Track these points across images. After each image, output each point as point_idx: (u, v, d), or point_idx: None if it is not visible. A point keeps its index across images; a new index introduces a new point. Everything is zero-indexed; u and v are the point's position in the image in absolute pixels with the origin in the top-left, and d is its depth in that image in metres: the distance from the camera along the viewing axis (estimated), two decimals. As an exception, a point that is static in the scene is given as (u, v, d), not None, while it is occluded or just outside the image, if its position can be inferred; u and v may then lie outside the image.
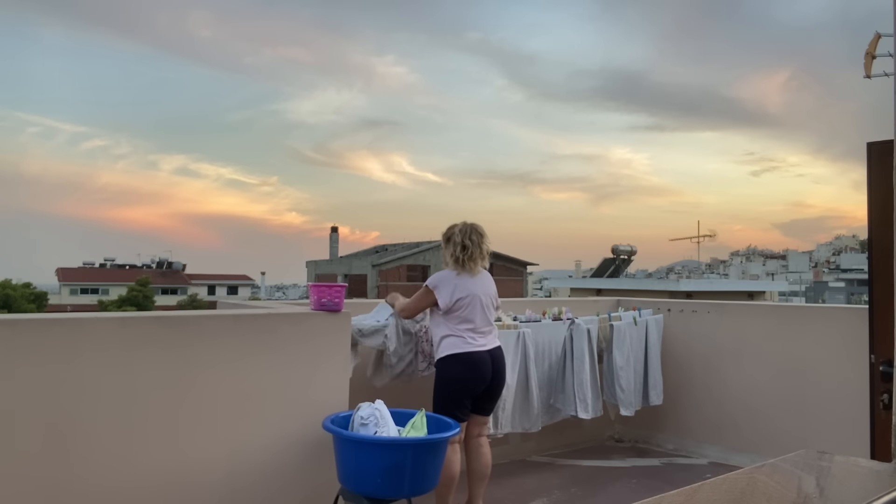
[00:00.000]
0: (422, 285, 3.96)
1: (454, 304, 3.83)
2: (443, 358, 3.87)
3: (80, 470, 2.97)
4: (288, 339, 3.56)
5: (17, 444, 2.84)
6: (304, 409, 3.56)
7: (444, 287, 3.86)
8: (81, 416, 2.98)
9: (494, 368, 3.90)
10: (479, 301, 3.87)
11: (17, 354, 2.85)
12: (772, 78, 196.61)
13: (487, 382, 3.88)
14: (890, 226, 2.96)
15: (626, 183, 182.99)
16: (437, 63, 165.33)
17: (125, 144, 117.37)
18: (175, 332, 3.27)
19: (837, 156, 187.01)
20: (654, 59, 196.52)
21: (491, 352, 3.90)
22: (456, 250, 3.93)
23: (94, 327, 3.07)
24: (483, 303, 3.89)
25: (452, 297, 3.83)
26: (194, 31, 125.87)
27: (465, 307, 3.84)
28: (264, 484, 3.45)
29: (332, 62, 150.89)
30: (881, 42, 4.39)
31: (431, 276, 3.98)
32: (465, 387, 3.83)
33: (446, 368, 3.85)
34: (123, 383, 3.08)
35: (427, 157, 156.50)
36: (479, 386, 3.86)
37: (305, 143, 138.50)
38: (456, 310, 3.84)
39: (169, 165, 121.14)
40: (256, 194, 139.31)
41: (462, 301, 3.84)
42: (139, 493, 3.10)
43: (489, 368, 3.87)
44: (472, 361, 3.82)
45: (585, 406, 5.03)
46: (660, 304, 6.17)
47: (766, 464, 1.32)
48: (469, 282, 3.88)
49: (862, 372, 3.75)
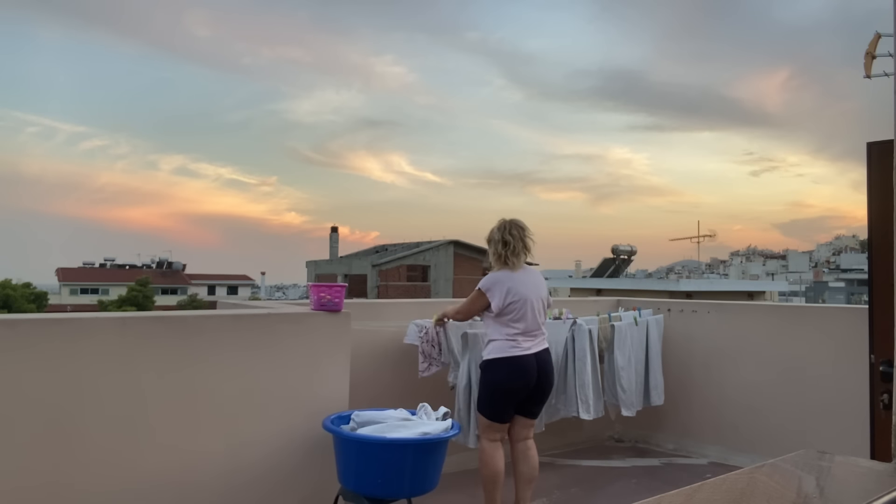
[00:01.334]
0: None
1: (506, 307, 3.83)
2: (488, 361, 3.88)
3: (81, 469, 2.97)
4: (288, 339, 3.56)
5: (18, 443, 2.84)
6: (304, 409, 3.56)
7: (496, 289, 3.86)
8: (82, 415, 2.98)
9: (540, 372, 3.88)
10: (530, 304, 3.87)
11: (18, 354, 2.85)
12: (771, 77, 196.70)
13: (532, 386, 3.87)
14: (890, 226, 2.96)
15: (625, 183, 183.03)
16: (435, 63, 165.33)
17: (124, 144, 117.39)
18: (175, 332, 3.27)
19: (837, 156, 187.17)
20: (653, 59, 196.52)
21: (537, 354, 3.88)
22: (498, 247, 3.94)
23: (94, 327, 3.07)
24: (534, 306, 3.89)
25: (504, 300, 3.83)
26: (192, 30, 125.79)
27: (516, 311, 3.83)
28: (264, 483, 3.45)
29: (330, 62, 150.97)
30: (881, 42, 4.38)
31: (484, 279, 3.97)
32: (508, 391, 3.84)
33: (491, 371, 3.87)
34: (123, 383, 3.08)
35: (426, 157, 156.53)
36: (523, 390, 3.86)
37: (304, 143, 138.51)
38: (507, 313, 3.84)
39: (168, 165, 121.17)
40: (256, 194, 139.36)
41: (514, 305, 3.83)
42: (139, 493, 3.10)
43: (534, 372, 3.85)
44: (516, 366, 3.82)
45: (587, 407, 5.03)
46: (660, 304, 6.17)
47: (766, 464, 1.32)
48: (521, 284, 3.87)
49: (862, 372, 3.75)
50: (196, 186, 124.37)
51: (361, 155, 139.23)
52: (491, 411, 3.87)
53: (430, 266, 44.54)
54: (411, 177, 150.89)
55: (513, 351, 3.82)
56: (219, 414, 3.33)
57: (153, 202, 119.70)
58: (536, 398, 3.96)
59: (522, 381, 3.83)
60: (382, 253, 47.34)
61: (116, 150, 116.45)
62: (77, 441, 2.97)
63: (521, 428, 4.01)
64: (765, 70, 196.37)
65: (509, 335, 3.83)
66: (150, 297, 48.32)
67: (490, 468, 3.87)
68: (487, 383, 3.90)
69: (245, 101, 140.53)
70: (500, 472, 3.90)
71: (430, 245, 45.32)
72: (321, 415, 3.56)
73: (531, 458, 4.02)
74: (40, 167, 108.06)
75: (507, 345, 3.83)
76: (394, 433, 3.32)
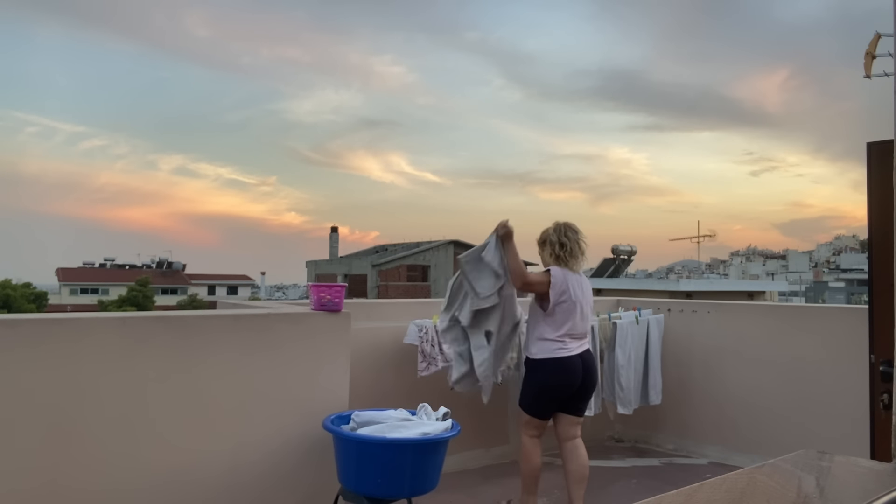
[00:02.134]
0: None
1: (560, 303, 3.86)
2: (535, 360, 3.91)
3: (81, 469, 2.97)
4: (288, 339, 3.56)
5: (18, 443, 2.84)
6: (305, 409, 3.56)
7: (557, 281, 3.86)
8: (82, 415, 2.98)
9: (585, 371, 3.93)
10: (580, 306, 3.92)
11: (18, 354, 2.85)
12: (770, 77, 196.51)
13: (577, 386, 3.92)
14: (890, 226, 2.96)
15: (625, 183, 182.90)
16: (435, 63, 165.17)
17: (123, 144, 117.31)
18: (175, 332, 3.27)
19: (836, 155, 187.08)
20: (652, 59, 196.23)
21: (582, 355, 3.94)
22: (555, 248, 3.97)
23: (95, 327, 3.07)
24: (583, 309, 3.95)
25: (560, 297, 3.86)
26: (191, 30, 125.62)
27: (567, 311, 3.87)
28: (264, 483, 3.45)
29: (329, 62, 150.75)
30: (881, 42, 4.39)
31: (554, 268, 3.93)
32: (553, 390, 3.91)
33: (538, 371, 3.91)
34: (124, 383, 3.08)
35: (426, 157, 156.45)
36: (568, 389, 3.91)
37: (304, 143, 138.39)
38: (558, 311, 3.86)
39: (167, 165, 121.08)
40: (255, 194, 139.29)
41: (566, 305, 3.87)
42: (140, 493, 3.10)
43: (579, 372, 3.90)
44: (563, 366, 3.86)
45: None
46: (660, 304, 6.17)
47: (766, 464, 1.32)
48: (577, 286, 3.92)
49: (862, 372, 3.74)
50: (196, 186, 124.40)
51: (361, 155, 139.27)
52: (534, 409, 3.95)
53: (430, 266, 44.52)
54: (411, 177, 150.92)
55: (559, 352, 3.86)
56: (219, 414, 3.33)
57: (153, 202, 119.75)
58: (582, 396, 4.00)
59: (568, 381, 3.88)
60: (382, 253, 47.34)
61: (116, 150, 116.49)
62: (77, 441, 2.97)
63: (567, 426, 4.02)
64: (764, 70, 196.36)
65: (558, 336, 3.87)
66: (150, 297, 48.32)
67: (530, 463, 3.98)
68: (533, 382, 3.94)
69: (244, 101, 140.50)
70: (538, 468, 4.01)
71: (430, 245, 45.31)
72: (321, 415, 3.56)
73: (580, 456, 4.01)
74: (40, 167, 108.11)
75: (555, 345, 3.86)
76: (394, 433, 3.32)
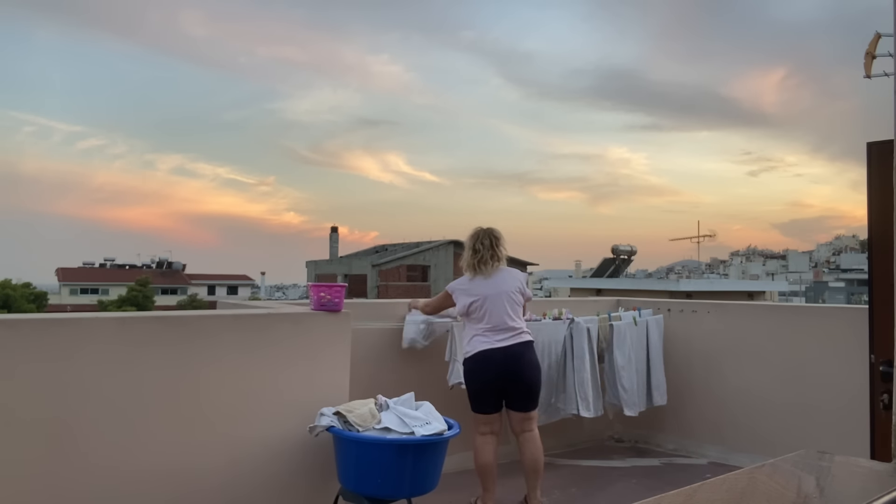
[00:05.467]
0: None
1: (469, 307, 4.09)
2: (464, 357, 4.14)
3: (81, 469, 2.97)
4: (288, 339, 3.56)
5: (18, 443, 2.84)
6: (305, 409, 3.56)
7: (459, 293, 4.17)
8: (82, 415, 2.98)
9: (511, 363, 4.02)
10: (491, 302, 4.06)
11: (18, 354, 2.85)
12: (767, 76, 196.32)
13: (507, 378, 4.03)
14: (890, 226, 2.96)
15: (624, 183, 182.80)
16: (431, 62, 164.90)
17: (121, 144, 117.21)
18: (175, 331, 3.27)
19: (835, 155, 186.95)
20: (649, 58, 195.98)
21: (506, 348, 4.01)
22: (468, 254, 4.21)
23: (95, 327, 3.07)
24: (496, 303, 4.06)
25: (467, 302, 4.10)
26: (187, 30, 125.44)
27: (477, 309, 4.07)
28: (264, 483, 3.45)
29: (326, 61, 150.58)
30: (881, 42, 4.38)
31: (451, 283, 4.31)
32: (481, 382, 4.06)
33: (465, 366, 4.14)
34: (124, 383, 3.08)
35: (424, 157, 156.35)
36: (496, 381, 4.03)
37: (301, 143, 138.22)
38: (471, 312, 4.10)
39: (166, 165, 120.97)
40: (254, 194, 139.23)
41: (475, 304, 4.07)
42: (140, 492, 3.10)
43: (499, 362, 4.01)
44: (480, 358, 4.03)
45: (587, 405, 5.04)
46: (660, 304, 6.17)
47: (766, 464, 1.32)
48: (482, 286, 4.10)
49: (862, 372, 3.74)
50: (194, 186, 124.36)
51: (359, 154, 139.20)
52: (472, 404, 4.11)
53: (430, 266, 44.51)
54: (409, 176, 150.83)
55: (480, 346, 4.03)
56: (219, 413, 3.33)
57: (152, 202, 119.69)
58: (516, 390, 4.07)
59: (492, 373, 4.02)
60: (382, 253, 47.33)
61: (113, 150, 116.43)
62: (78, 441, 2.96)
63: (516, 422, 4.17)
64: (761, 69, 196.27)
65: (478, 332, 4.06)
66: (150, 297, 48.32)
67: (479, 460, 4.09)
68: (465, 378, 4.15)
69: (241, 101, 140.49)
70: (488, 464, 4.07)
71: (430, 245, 45.30)
72: (321, 415, 3.56)
73: (531, 449, 4.12)
74: (38, 167, 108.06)
75: (477, 341, 4.05)
76: (394, 433, 3.33)
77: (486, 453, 4.07)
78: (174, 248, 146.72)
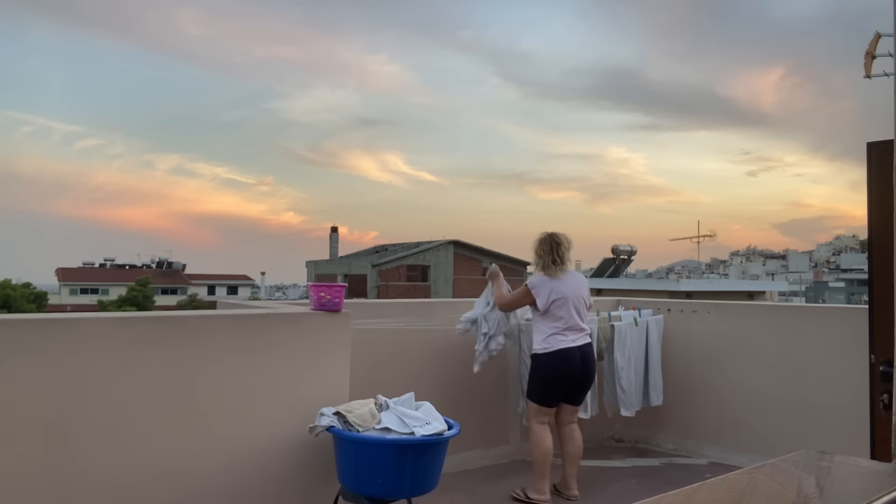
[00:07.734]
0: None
1: (550, 304, 4.31)
2: (538, 353, 4.36)
3: (81, 469, 2.97)
4: (288, 339, 3.56)
5: (18, 443, 2.84)
6: (305, 409, 3.56)
7: (542, 290, 4.35)
8: (82, 415, 2.98)
9: (583, 361, 4.36)
10: (571, 303, 4.35)
11: (17, 354, 2.85)
12: (766, 76, 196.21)
13: (576, 375, 4.35)
14: (890, 226, 2.96)
15: (623, 182, 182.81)
16: (429, 61, 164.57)
17: (119, 144, 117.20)
18: (175, 331, 3.27)
19: (834, 155, 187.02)
20: (647, 57, 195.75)
21: (580, 347, 4.36)
22: (536, 260, 4.47)
23: (94, 327, 3.07)
24: (575, 305, 4.36)
25: (549, 299, 4.32)
26: (184, 29, 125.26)
27: (559, 307, 4.31)
28: (264, 483, 3.45)
29: (324, 61, 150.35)
30: (881, 42, 4.38)
31: (531, 279, 4.49)
32: (555, 379, 4.34)
33: (540, 362, 4.35)
34: (123, 383, 3.08)
35: (423, 157, 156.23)
36: (568, 378, 4.35)
37: (300, 143, 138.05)
38: (551, 311, 4.32)
39: (164, 165, 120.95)
40: (253, 194, 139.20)
41: (557, 302, 4.32)
42: (140, 492, 3.10)
43: (577, 362, 4.33)
44: (562, 357, 4.29)
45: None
46: (660, 304, 6.16)
47: (766, 464, 1.32)
48: (562, 284, 4.36)
49: (862, 372, 3.74)
50: (193, 186, 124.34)
51: (357, 154, 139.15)
52: (539, 397, 4.37)
53: (430, 266, 44.50)
54: (408, 176, 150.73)
55: (559, 344, 4.29)
56: (219, 414, 3.33)
57: (151, 202, 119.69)
58: (580, 386, 4.45)
59: (567, 370, 4.31)
60: (382, 253, 47.33)
61: (112, 150, 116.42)
62: (77, 441, 2.96)
63: (566, 414, 4.51)
64: (759, 68, 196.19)
65: (557, 330, 4.30)
66: (150, 297, 48.33)
67: (541, 448, 4.34)
68: (537, 372, 4.37)
69: (240, 101, 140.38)
70: (549, 451, 4.36)
71: (430, 245, 45.29)
72: (321, 415, 3.56)
73: (576, 439, 4.53)
74: (37, 167, 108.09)
75: (555, 339, 4.30)
76: (394, 433, 3.32)
77: (548, 440, 4.36)
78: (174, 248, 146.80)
